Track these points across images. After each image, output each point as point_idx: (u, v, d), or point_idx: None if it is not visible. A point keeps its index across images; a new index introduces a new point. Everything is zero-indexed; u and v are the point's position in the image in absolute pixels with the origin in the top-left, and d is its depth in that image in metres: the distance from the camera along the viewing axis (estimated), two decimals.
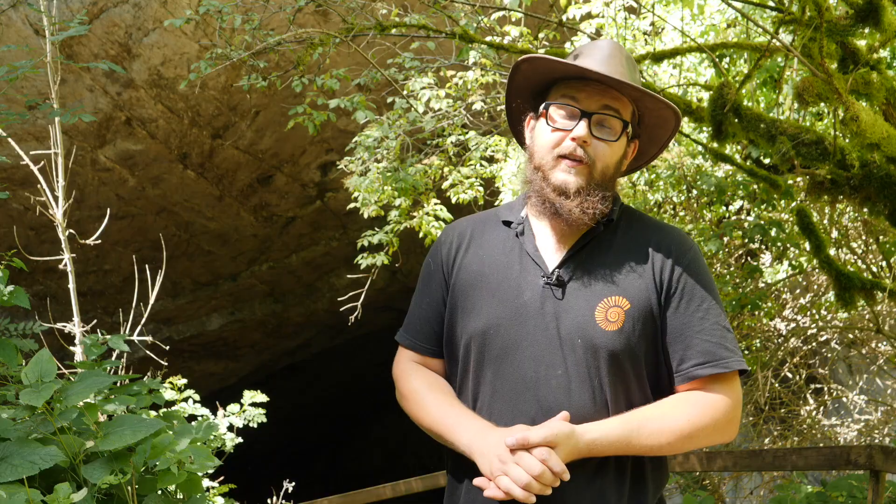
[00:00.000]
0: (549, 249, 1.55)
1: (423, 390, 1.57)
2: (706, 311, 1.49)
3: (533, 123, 1.59)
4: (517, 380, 1.48)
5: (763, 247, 5.59)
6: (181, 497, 2.08)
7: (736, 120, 3.04)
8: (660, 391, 1.54)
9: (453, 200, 5.20)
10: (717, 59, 3.79)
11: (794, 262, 5.18)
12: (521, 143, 1.67)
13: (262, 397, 4.27)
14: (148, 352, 3.98)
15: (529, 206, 1.59)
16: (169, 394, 3.82)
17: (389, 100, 5.05)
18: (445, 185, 5.24)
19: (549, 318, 1.49)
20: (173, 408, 3.75)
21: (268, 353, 11.14)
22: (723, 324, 1.50)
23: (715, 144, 3.48)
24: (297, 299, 10.15)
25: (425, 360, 1.65)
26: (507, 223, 1.61)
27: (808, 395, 6.40)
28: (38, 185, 3.46)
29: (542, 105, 1.54)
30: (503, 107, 5.15)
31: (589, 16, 4.64)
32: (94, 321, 4.16)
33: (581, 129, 1.47)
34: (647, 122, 1.57)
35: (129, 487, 1.84)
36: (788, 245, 4.80)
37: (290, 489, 5.31)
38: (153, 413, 2.57)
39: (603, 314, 1.47)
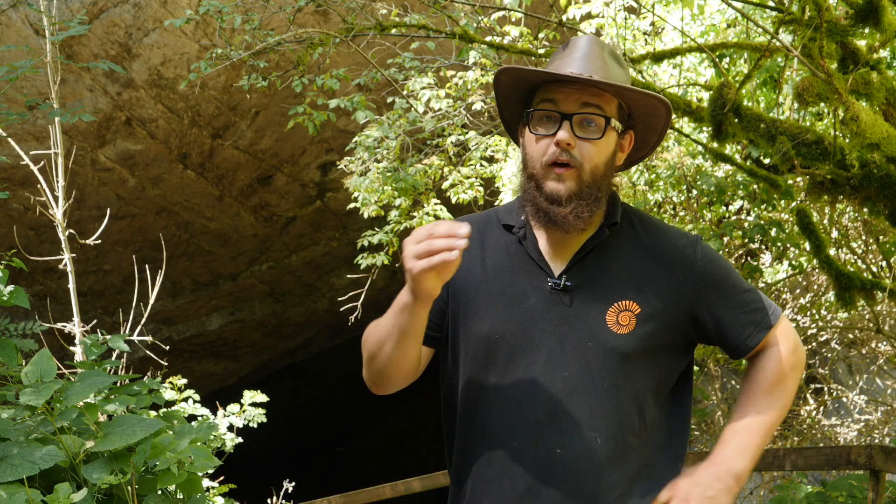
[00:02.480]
0: (554, 254, 1.54)
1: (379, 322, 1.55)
2: (733, 288, 1.55)
3: (523, 132, 1.58)
4: (523, 383, 1.48)
5: (763, 247, 5.59)
6: (181, 497, 2.08)
7: (736, 120, 3.04)
8: (667, 390, 1.56)
9: (453, 200, 5.20)
10: (717, 59, 3.79)
11: (794, 262, 5.18)
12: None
13: (262, 397, 4.27)
14: (148, 352, 3.98)
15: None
16: (169, 394, 3.82)
17: (389, 100, 5.05)
18: (445, 185, 5.24)
19: (555, 322, 1.48)
20: (173, 408, 3.75)
21: (268, 353, 11.14)
22: (746, 288, 1.57)
23: (715, 144, 3.48)
24: (297, 299, 10.15)
25: None
26: (509, 227, 1.59)
27: (808, 395, 6.40)
28: (38, 185, 3.46)
29: (525, 113, 1.53)
30: None
31: (589, 16, 4.64)
32: (94, 321, 4.16)
33: (562, 132, 1.45)
34: (637, 112, 1.55)
35: (129, 487, 1.84)
36: (788, 245, 4.81)
37: (290, 489, 5.31)
38: (153, 413, 2.57)
39: (614, 318, 1.48)
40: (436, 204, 5.24)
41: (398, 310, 1.43)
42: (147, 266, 4.27)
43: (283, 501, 5.45)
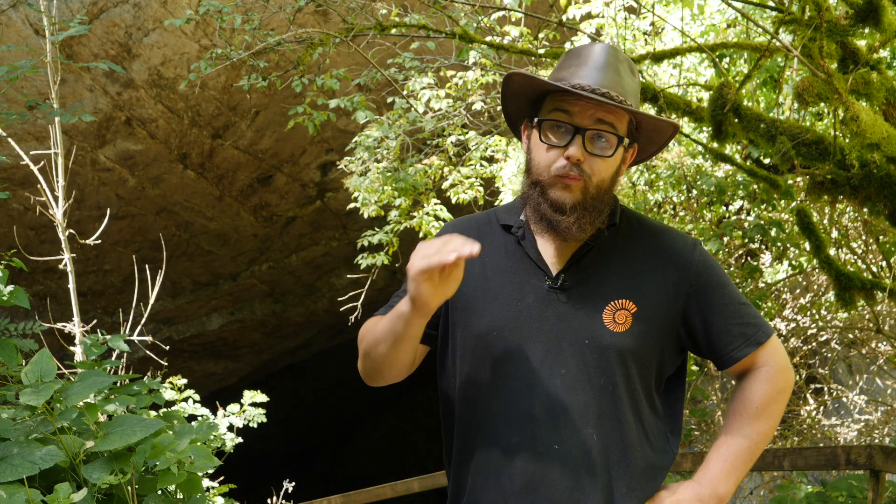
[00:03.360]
0: (552, 254, 1.55)
1: (378, 320, 1.58)
2: (728, 297, 1.55)
3: (528, 133, 1.58)
4: (519, 380, 1.49)
5: (763, 247, 5.59)
6: (181, 497, 2.08)
7: (736, 120, 3.04)
8: (661, 391, 1.57)
9: (453, 200, 5.20)
10: (717, 59, 3.79)
11: (794, 262, 5.18)
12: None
13: (262, 397, 4.27)
14: (148, 352, 3.98)
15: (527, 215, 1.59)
16: (169, 394, 3.82)
17: (389, 100, 5.05)
18: (445, 185, 5.24)
19: (552, 320, 1.49)
20: (173, 408, 3.75)
21: (268, 353, 11.14)
22: (742, 301, 1.56)
23: (715, 144, 3.48)
24: (297, 299, 10.15)
25: None
26: (507, 227, 1.60)
27: (808, 395, 6.40)
28: (38, 185, 3.46)
29: (536, 120, 1.52)
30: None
31: (589, 16, 4.64)
32: (94, 321, 4.16)
33: (574, 148, 1.46)
34: (645, 128, 1.56)
35: (129, 487, 1.84)
36: (788, 245, 4.81)
37: (290, 489, 5.31)
38: (153, 413, 2.57)
39: (610, 317, 1.49)
40: (436, 204, 5.24)
41: (395, 316, 1.46)
42: (147, 266, 4.27)
43: (283, 501, 5.45)
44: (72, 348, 3.45)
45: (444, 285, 1.36)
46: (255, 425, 4.23)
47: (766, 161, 4.19)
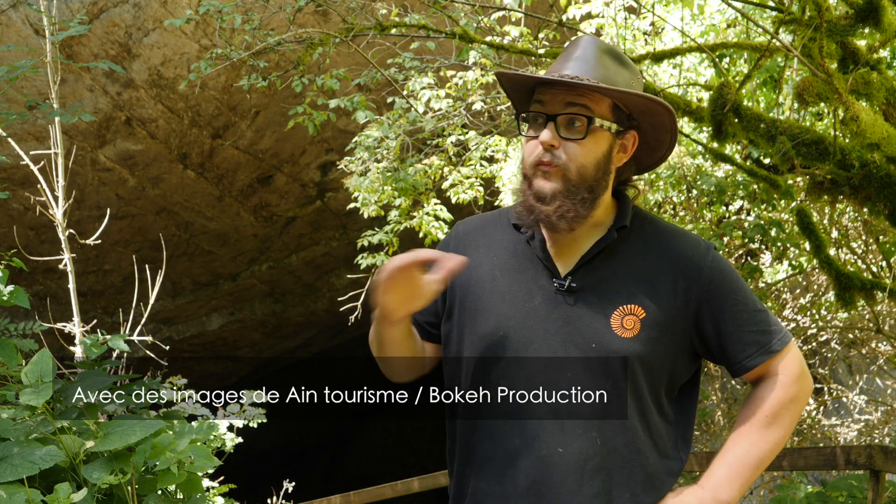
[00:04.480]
0: (561, 255, 1.54)
1: None
2: (742, 304, 1.52)
3: None
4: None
5: (763, 247, 5.59)
6: (181, 497, 2.08)
7: (736, 120, 3.04)
8: (671, 397, 1.56)
9: (453, 200, 5.20)
10: (717, 59, 3.79)
11: (794, 262, 5.18)
12: None
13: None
14: (148, 352, 3.98)
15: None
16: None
17: (389, 100, 5.05)
18: (445, 185, 5.24)
19: (560, 323, 1.48)
20: (173, 408, 3.74)
21: (268, 353, 11.14)
22: (757, 308, 1.53)
23: (715, 144, 3.48)
24: (297, 299, 10.15)
25: None
26: (518, 226, 1.59)
27: None
28: (38, 185, 3.46)
29: (517, 116, 1.55)
30: (503, 107, 5.16)
31: (589, 16, 4.64)
32: (94, 321, 4.16)
33: (546, 133, 1.46)
34: (636, 112, 1.53)
35: (129, 487, 1.84)
36: (788, 245, 4.81)
37: (290, 489, 5.31)
38: (153, 413, 2.57)
39: (619, 321, 1.47)
40: (436, 204, 5.24)
41: (373, 323, 1.56)
42: (147, 266, 4.27)
43: (283, 501, 5.45)
44: (72, 348, 3.45)
45: (410, 299, 1.45)
46: (256, 425, 4.22)
47: (766, 161, 4.19)
